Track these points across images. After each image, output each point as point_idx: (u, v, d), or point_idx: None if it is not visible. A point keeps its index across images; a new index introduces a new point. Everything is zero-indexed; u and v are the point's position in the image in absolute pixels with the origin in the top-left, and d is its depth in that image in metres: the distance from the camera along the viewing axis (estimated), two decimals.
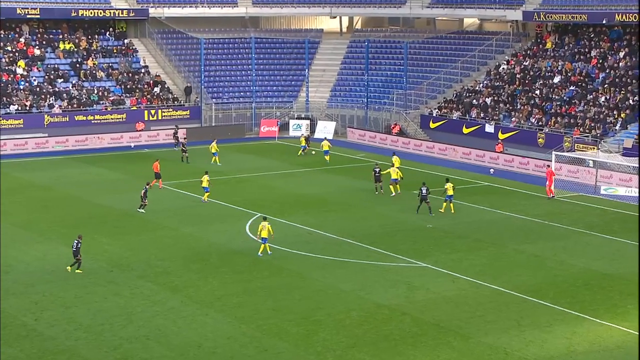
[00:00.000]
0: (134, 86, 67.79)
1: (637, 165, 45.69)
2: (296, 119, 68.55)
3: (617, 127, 54.07)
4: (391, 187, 45.46)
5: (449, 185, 42.04)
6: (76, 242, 33.26)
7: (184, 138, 55.52)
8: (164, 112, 66.27)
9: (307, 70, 71.94)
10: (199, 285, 32.02)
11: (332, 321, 28.32)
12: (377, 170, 46.23)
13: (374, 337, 27.08)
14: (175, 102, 67.84)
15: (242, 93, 71.10)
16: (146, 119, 65.13)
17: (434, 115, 63.98)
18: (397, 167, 47.34)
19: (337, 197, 46.45)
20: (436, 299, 30.56)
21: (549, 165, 47.62)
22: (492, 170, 53.54)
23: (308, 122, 67.87)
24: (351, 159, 56.43)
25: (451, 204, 42.12)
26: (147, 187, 42.71)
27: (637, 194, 44.54)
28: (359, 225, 40.64)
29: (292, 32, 77.11)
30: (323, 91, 72.21)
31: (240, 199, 44.50)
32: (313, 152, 57.50)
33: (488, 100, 62.26)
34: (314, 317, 28.75)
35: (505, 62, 65.53)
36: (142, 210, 41.95)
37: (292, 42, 74.91)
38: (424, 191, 41.45)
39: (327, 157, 55.44)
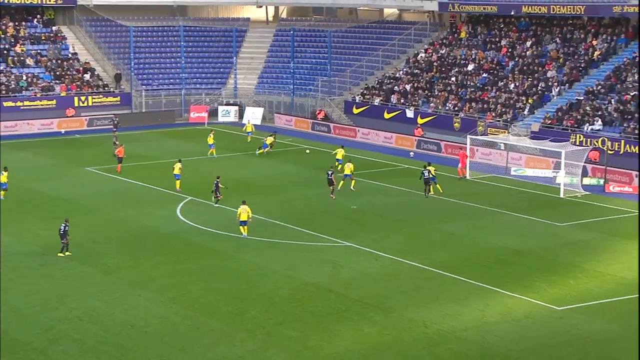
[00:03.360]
0: (63, 73, 67.78)
1: (546, 149, 48.27)
2: (225, 105, 69.67)
3: (525, 112, 56.75)
4: (343, 182, 44.56)
5: (431, 168, 43.76)
6: (63, 225, 33.12)
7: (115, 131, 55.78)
8: (94, 98, 66.36)
9: (235, 58, 72.89)
10: (131, 267, 32.38)
11: (262, 299, 28.95)
12: (330, 173, 43.31)
13: (301, 314, 27.80)
14: (105, 89, 68.21)
15: (171, 80, 71.56)
16: (76, 105, 65.20)
17: (357, 101, 65.62)
18: (341, 158, 48.31)
19: (265, 180, 47.22)
20: (360, 277, 31.52)
21: (461, 148, 50.12)
22: (412, 153, 55.48)
23: (237, 108, 69.13)
24: (278, 143, 56.81)
25: (438, 185, 43.81)
26: (217, 180, 41.24)
27: (544, 175, 47.24)
28: (287, 207, 41.48)
29: (219, 21, 77.59)
30: (251, 78, 73.14)
31: (171, 183, 44.69)
32: (307, 151, 54.91)
33: (408, 86, 64.29)
34: (245, 295, 29.36)
35: (423, 51, 67.58)
36: (217, 205, 41.19)
37: (219, 31, 75.52)
38: (426, 174, 42.98)
39: (249, 138, 57.38)
